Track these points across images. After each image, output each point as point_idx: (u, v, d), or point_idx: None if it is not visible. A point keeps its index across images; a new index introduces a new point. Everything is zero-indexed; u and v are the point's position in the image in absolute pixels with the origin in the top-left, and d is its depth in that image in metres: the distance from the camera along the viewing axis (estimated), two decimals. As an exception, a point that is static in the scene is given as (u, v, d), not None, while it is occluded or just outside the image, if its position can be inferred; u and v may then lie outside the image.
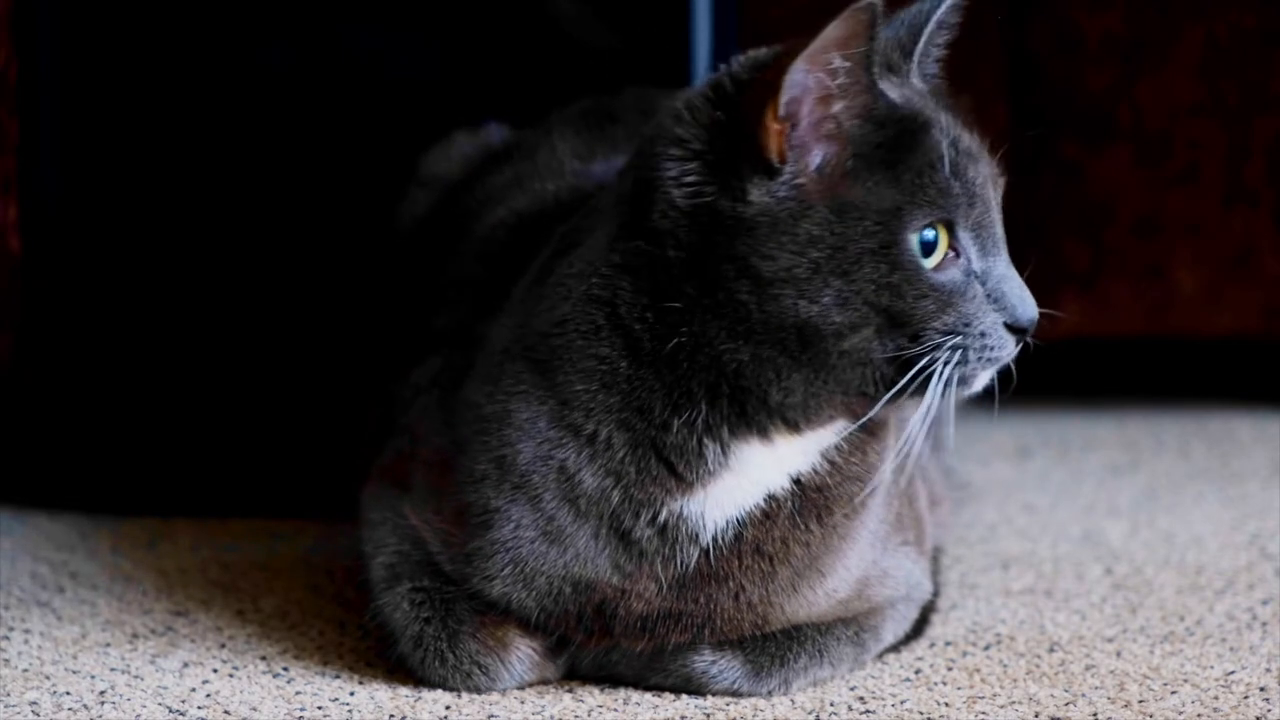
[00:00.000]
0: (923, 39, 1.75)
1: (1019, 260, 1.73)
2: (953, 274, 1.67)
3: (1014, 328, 1.69)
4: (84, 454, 2.55)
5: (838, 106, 1.66)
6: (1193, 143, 3.02)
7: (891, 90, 1.70)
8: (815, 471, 1.75)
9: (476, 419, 1.79)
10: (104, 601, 2.12)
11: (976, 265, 1.69)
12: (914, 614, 1.95)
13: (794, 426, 1.71)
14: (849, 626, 1.86)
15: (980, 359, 1.68)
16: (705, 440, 1.71)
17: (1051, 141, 3.02)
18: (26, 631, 2.02)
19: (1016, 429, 3.02)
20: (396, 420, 1.97)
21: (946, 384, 1.67)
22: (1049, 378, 3.23)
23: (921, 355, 1.66)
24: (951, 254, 1.68)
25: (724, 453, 1.71)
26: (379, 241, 2.33)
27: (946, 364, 1.66)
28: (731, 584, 1.75)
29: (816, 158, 1.66)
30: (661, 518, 1.73)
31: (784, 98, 1.64)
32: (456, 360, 1.88)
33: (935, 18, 1.75)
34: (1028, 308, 1.69)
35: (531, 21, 2.49)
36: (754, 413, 1.70)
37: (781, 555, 1.75)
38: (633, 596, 1.75)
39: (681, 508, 1.73)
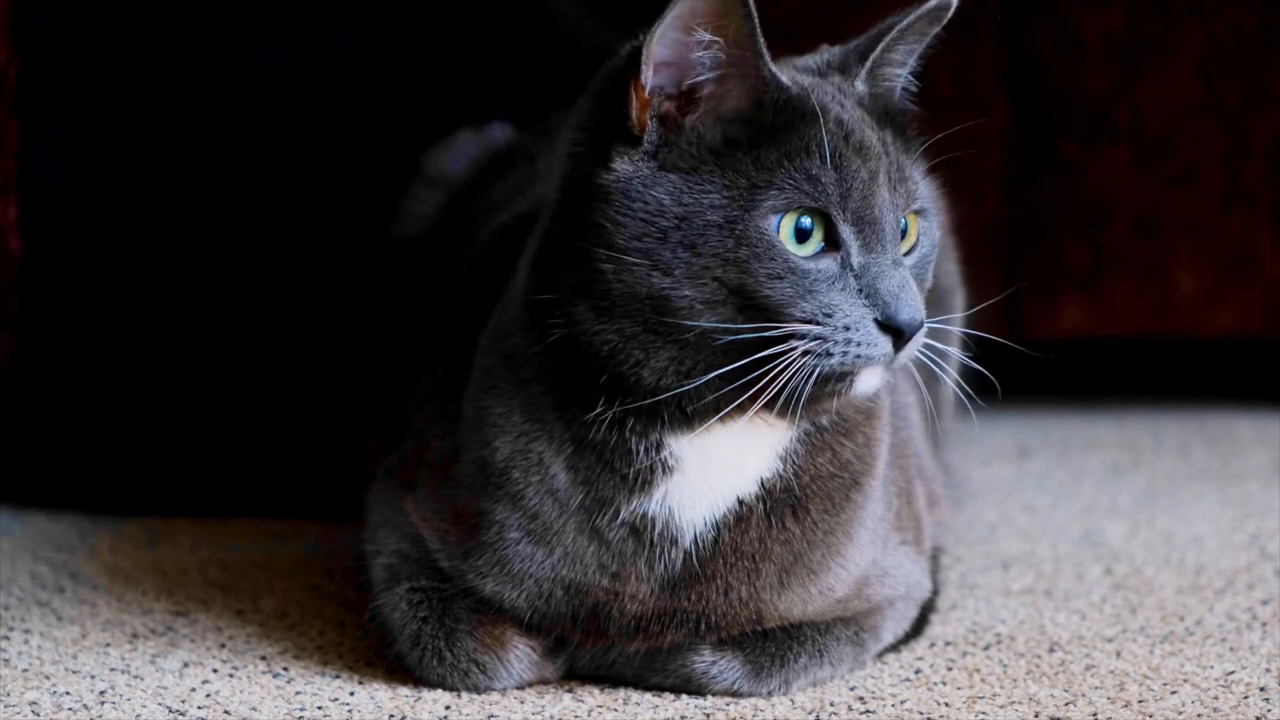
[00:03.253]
0: (879, 47, 1.75)
1: (1019, 260, 1.73)
2: (825, 263, 1.66)
3: (885, 326, 1.65)
4: (84, 454, 2.55)
5: (705, 79, 1.66)
6: (1193, 143, 3.02)
7: (791, 79, 1.69)
8: (779, 475, 1.75)
9: (465, 423, 1.81)
10: (104, 601, 2.12)
11: (856, 259, 1.67)
12: (913, 613, 1.95)
13: (698, 413, 1.69)
14: (849, 626, 1.86)
15: (845, 354, 1.65)
16: (630, 437, 1.72)
17: (1051, 141, 3.02)
18: (26, 631, 2.02)
19: (1016, 429, 3.01)
20: (404, 424, 1.98)
21: (808, 376, 1.64)
22: (1049, 378, 3.24)
23: (777, 340, 1.64)
24: (829, 245, 1.66)
25: (656, 449, 1.72)
26: (382, 241, 2.33)
27: (806, 354, 1.64)
28: (719, 582, 1.76)
29: (682, 129, 1.68)
30: (623, 516, 1.74)
31: (647, 69, 1.66)
32: (460, 365, 1.88)
33: (899, 27, 1.74)
34: (901, 307, 1.65)
35: (532, 22, 2.49)
36: (643, 396, 1.69)
37: (762, 555, 1.76)
38: (625, 598, 1.76)
39: (641, 507, 1.73)
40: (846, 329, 1.65)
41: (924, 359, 1.73)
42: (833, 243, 1.67)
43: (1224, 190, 3.03)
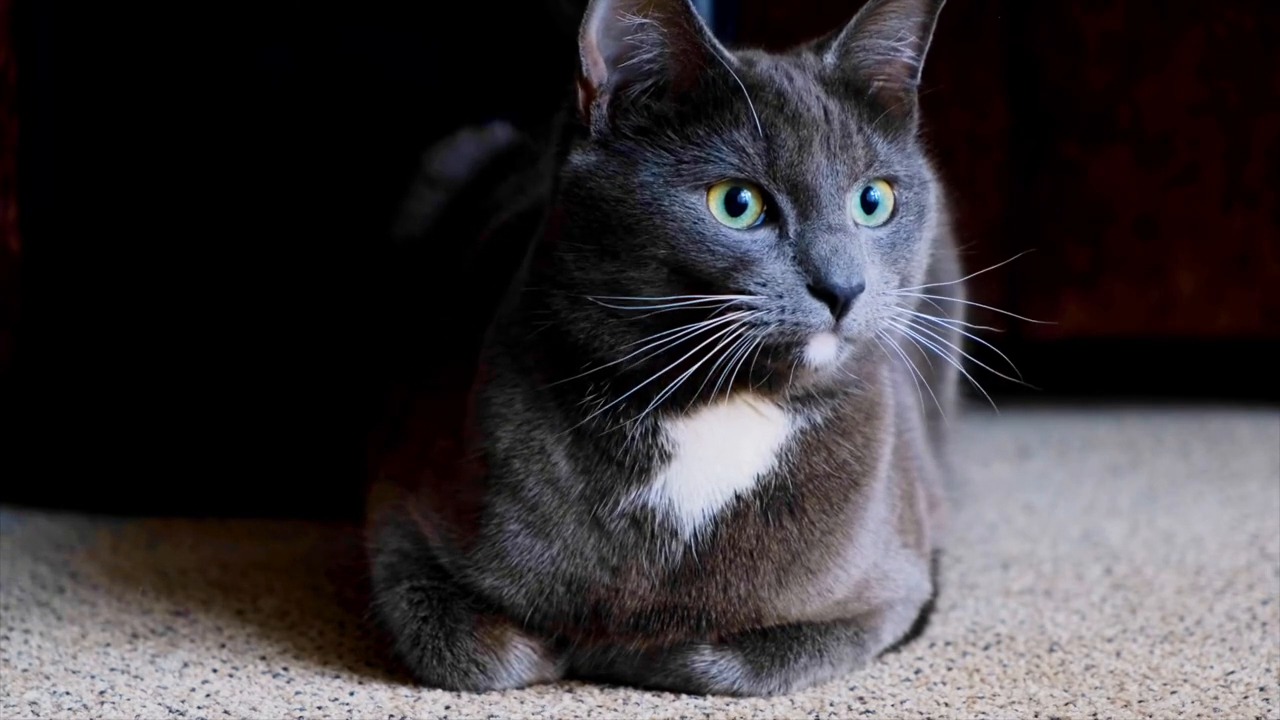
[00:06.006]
0: (854, 20, 1.74)
1: (1018, 260, 1.72)
2: (762, 234, 1.66)
3: (818, 291, 1.64)
4: (84, 454, 2.55)
5: (644, 61, 1.68)
6: (1193, 143, 3.03)
7: (738, 56, 1.70)
8: (775, 472, 1.75)
9: (468, 418, 1.81)
10: (104, 601, 2.12)
11: (793, 228, 1.66)
12: (913, 614, 1.95)
13: (683, 396, 1.69)
14: (849, 627, 1.86)
15: (783, 323, 1.64)
16: (625, 422, 1.72)
17: (1051, 141, 3.02)
18: (26, 631, 2.02)
19: (1016, 429, 3.02)
20: (406, 423, 1.98)
21: (750, 347, 1.63)
22: (1049, 378, 3.24)
23: (715, 313, 1.64)
24: (770, 216, 1.66)
25: (652, 434, 1.72)
26: (383, 240, 2.33)
27: (744, 325, 1.63)
28: (719, 578, 1.76)
29: (627, 115, 1.69)
30: (623, 506, 1.74)
31: (585, 60, 1.69)
32: (461, 363, 1.88)
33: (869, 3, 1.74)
34: (832, 270, 1.63)
35: (532, 22, 2.49)
36: (625, 380, 1.69)
37: (760, 551, 1.76)
38: (625, 595, 1.75)
39: (640, 498, 1.73)
40: (780, 297, 1.64)
41: (922, 336, 1.73)
42: (773, 214, 1.67)
43: (1224, 190, 3.04)
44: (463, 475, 1.81)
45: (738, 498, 1.75)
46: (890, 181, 1.71)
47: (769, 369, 1.68)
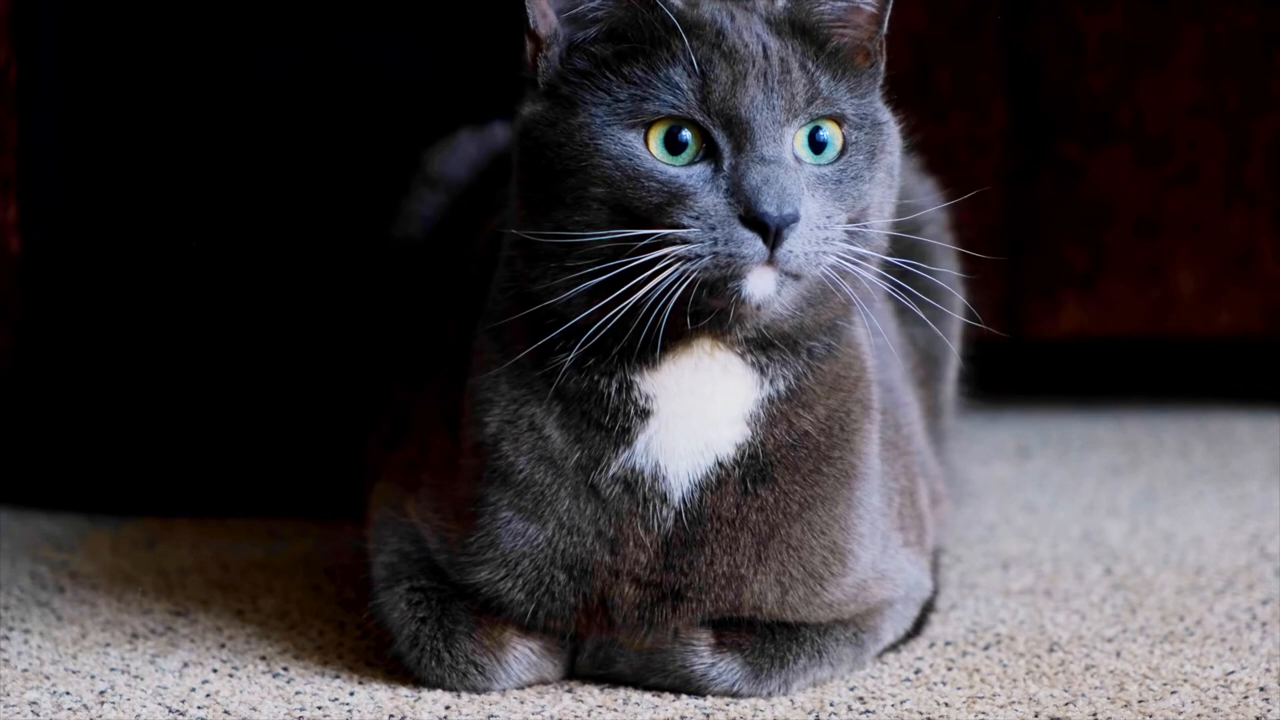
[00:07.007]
0: None
1: (1017, 260, 1.72)
2: (698, 169, 1.66)
3: (749, 221, 1.64)
4: (84, 454, 2.55)
5: (586, 9, 1.70)
6: (1193, 143, 3.03)
7: (684, 2, 1.70)
8: (748, 442, 1.76)
9: (464, 415, 1.81)
10: (104, 601, 2.12)
11: (727, 162, 1.66)
12: (914, 613, 1.95)
13: (644, 345, 1.69)
14: (848, 627, 1.86)
15: (716, 255, 1.63)
16: (600, 379, 1.73)
17: (1051, 141, 3.02)
18: (26, 631, 2.02)
19: (1016, 429, 3.01)
20: (407, 424, 1.98)
21: (687, 282, 1.63)
22: (1049, 378, 3.24)
23: (651, 247, 1.64)
24: (708, 153, 1.67)
25: (625, 390, 1.73)
26: (383, 241, 2.33)
27: (679, 259, 1.63)
28: (708, 550, 1.76)
29: (570, 63, 1.71)
30: (613, 470, 1.74)
31: (532, 11, 1.72)
32: (461, 364, 1.89)
33: None
34: (761, 199, 1.63)
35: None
36: (580, 327, 1.69)
37: (740, 521, 1.76)
38: (625, 577, 1.75)
39: (628, 460, 1.74)
40: (713, 229, 1.64)
41: (887, 280, 1.73)
42: (711, 149, 1.67)
43: (1224, 190, 3.04)
44: (459, 473, 1.81)
45: (720, 465, 1.75)
46: (838, 121, 1.71)
47: (712, 307, 1.67)
